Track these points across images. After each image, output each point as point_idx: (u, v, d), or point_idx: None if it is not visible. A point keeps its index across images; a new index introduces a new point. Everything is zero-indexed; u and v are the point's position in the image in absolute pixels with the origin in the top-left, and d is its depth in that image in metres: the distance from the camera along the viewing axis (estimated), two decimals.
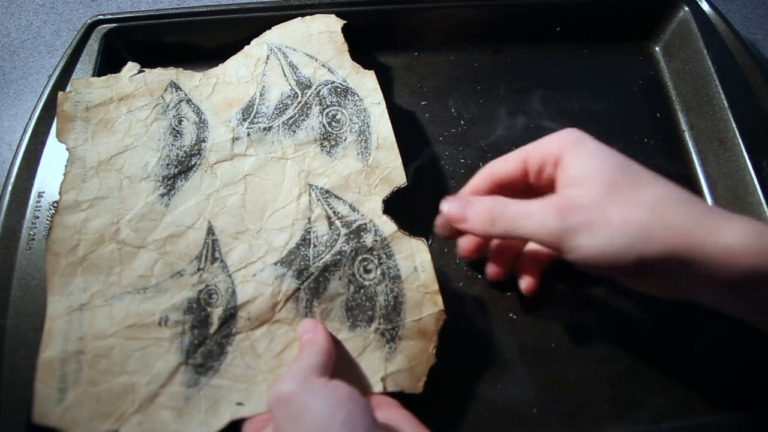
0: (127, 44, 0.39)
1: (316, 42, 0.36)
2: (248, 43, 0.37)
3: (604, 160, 0.25)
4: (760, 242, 0.22)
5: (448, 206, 0.28)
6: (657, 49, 0.43)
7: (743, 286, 0.23)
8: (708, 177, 0.37)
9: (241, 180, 0.32)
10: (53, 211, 0.32)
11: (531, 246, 0.32)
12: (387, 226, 0.31)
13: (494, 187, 0.29)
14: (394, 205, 0.31)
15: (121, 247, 0.29)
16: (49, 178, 0.33)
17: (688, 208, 0.23)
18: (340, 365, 0.27)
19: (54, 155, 0.34)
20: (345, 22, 0.37)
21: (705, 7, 0.41)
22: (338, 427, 0.22)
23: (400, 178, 0.32)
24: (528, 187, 0.29)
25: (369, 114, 0.34)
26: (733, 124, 0.36)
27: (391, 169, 0.32)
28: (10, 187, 0.33)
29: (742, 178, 0.35)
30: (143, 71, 0.35)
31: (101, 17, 0.38)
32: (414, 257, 0.30)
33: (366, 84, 0.35)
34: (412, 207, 0.31)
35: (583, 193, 0.24)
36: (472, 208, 0.27)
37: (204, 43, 0.39)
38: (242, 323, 0.28)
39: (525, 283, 0.31)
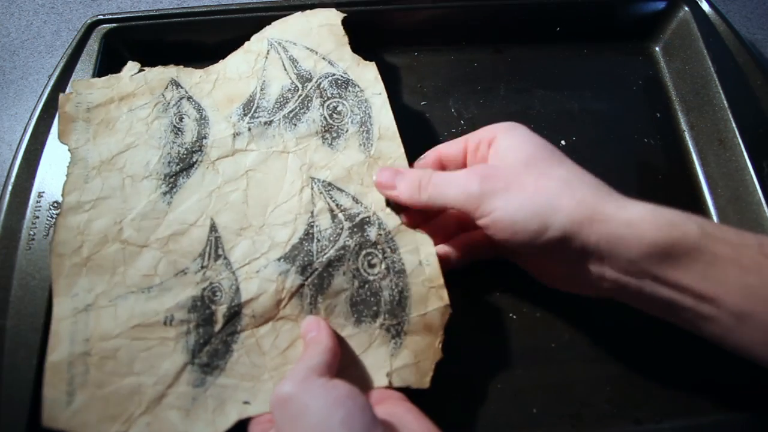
0: (127, 44, 0.39)
1: (316, 35, 0.36)
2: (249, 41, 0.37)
3: (529, 142, 0.28)
4: (658, 218, 0.24)
5: (380, 175, 0.30)
6: (657, 49, 0.43)
7: (640, 262, 0.24)
8: (708, 177, 0.37)
9: (243, 175, 0.32)
10: (53, 211, 0.32)
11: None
12: (391, 219, 0.30)
13: (437, 165, 0.31)
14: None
15: (125, 246, 0.29)
16: (49, 178, 0.33)
17: (596, 187, 0.26)
18: (344, 362, 0.27)
19: (54, 155, 0.34)
20: (345, 14, 0.37)
21: (705, 7, 0.41)
22: (337, 426, 0.22)
23: (403, 168, 0.31)
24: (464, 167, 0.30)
25: (370, 104, 0.34)
26: (733, 124, 0.36)
27: (394, 159, 0.32)
28: (10, 187, 0.33)
29: (742, 178, 0.35)
30: (143, 70, 0.35)
31: (101, 17, 0.38)
32: (419, 251, 0.30)
33: (367, 75, 0.35)
34: None
35: (506, 164, 0.28)
36: (402, 177, 0.30)
37: (204, 43, 0.39)
38: (247, 320, 0.28)
39: (447, 250, 0.31)
